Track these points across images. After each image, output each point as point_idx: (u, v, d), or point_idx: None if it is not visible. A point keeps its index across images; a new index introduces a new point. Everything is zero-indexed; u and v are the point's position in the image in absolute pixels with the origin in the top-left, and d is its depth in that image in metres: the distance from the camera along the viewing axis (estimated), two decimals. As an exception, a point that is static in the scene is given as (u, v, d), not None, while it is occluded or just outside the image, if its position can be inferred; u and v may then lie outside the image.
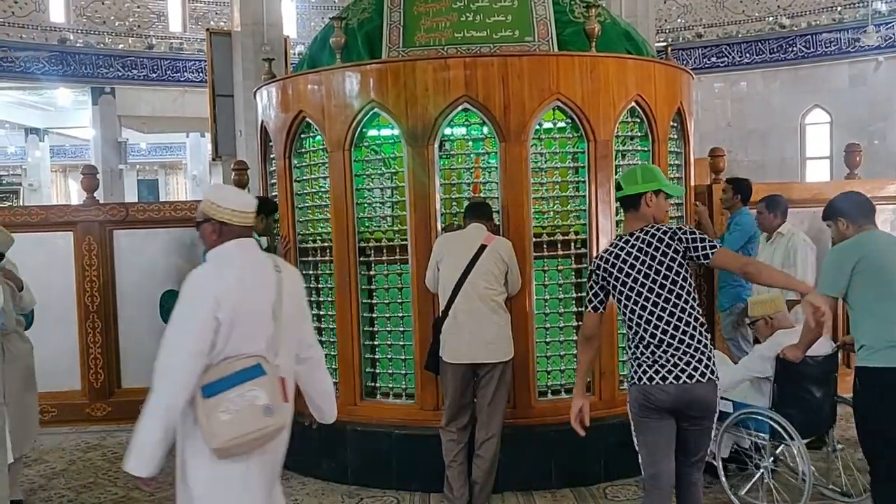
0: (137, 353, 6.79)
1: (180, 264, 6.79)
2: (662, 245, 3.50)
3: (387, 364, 5.40)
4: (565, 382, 5.32)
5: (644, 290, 3.48)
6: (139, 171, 29.72)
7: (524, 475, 5.07)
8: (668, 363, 3.43)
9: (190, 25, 18.25)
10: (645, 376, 3.48)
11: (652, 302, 3.47)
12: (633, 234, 3.58)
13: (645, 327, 3.48)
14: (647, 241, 3.52)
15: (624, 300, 3.54)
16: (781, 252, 5.77)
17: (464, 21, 5.35)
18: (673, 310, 3.46)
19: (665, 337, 3.45)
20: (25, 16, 16.49)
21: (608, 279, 3.57)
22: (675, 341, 3.44)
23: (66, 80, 17.40)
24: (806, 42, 15.30)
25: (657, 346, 3.46)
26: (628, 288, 3.52)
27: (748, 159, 15.57)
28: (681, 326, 3.45)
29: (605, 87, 5.19)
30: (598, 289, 3.61)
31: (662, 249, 3.49)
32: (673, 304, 3.46)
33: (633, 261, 3.51)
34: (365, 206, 5.38)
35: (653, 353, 3.47)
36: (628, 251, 3.54)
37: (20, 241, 5.48)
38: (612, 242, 3.65)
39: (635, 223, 3.62)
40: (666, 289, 3.47)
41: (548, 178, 5.25)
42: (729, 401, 4.74)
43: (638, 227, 3.59)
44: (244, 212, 3.04)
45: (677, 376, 3.43)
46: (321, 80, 5.36)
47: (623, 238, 3.61)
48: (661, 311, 3.46)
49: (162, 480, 3.08)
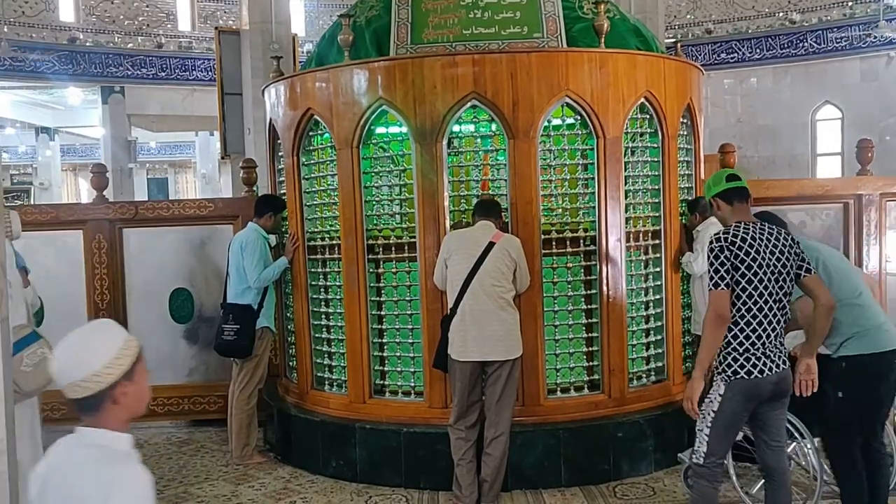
0: (147, 351, 6.74)
1: (190, 262, 6.80)
2: (786, 245, 3.65)
3: (395, 362, 5.39)
4: (574, 380, 5.30)
5: (770, 281, 3.57)
6: (149, 169, 29.77)
7: (533, 473, 5.05)
8: (773, 353, 3.59)
9: (199, 24, 18.28)
10: (755, 370, 3.55)
11: (774, 294, 3.59)
12: (750, 225, 3.66)
13: (766, 313, 3.57)
14: (773, 235, 3.65)
15: (745, 284, 3.56)
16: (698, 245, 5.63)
17: (472, 18, 5.33)
18: (784, 304, 3.63)
19: (778, 327, 3.61)
20: (35, 15, 16.55)
21: (737, 258, 3.57)
22: (774, 333, 3.60)
23: (76, 80, 17.45)
24: (816, 38, 15.20)
25: (768, 335, 3.58)
26: (761, 273, 3.56)
27: (758, 155, 15.49)
28: (783, 321, 3.64)
29: (614, 83, 5.16)
30: (729, 266, 3.59)
31: (788, 247, 3.65)
32: (785, 298, 3.64)
33: (761, 248, 3.59)
34: (373, 203, 5.37)
35: (764, 344, 3.57)
36: (755, 237, 3.60)
37: (31, 239, 5.50)
38: (735, 227, 3.66)
39: (743, 215, 3.73)
40: (787, 282, 3.63)
41: (557, 175, 5.23)
42: None
43: (745, 220, 3.69)
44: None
45: (778, 365, 3.61)
46: (329, 78, 5.36)
47: (743, 225, 3.65)
48: (776, 303, 3.60)
49: (170, 479, 3.10)
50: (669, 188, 5.47)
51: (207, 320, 6.72)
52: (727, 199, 3.78)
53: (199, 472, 5.68)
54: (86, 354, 2.03)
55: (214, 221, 6.79)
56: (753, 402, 3.62)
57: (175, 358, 6.80)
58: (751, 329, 3.56)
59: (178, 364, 6.81)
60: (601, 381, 5.25)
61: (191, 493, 5.27)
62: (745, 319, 3.56)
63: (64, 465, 2.04)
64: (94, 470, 1.99)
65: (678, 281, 5.62)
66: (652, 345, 5.48)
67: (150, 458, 6.06)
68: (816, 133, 15.64)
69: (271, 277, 5.68)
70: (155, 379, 7.06)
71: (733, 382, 3.57)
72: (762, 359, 3.55)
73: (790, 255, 3.65)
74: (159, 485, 5.45)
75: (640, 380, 5.41)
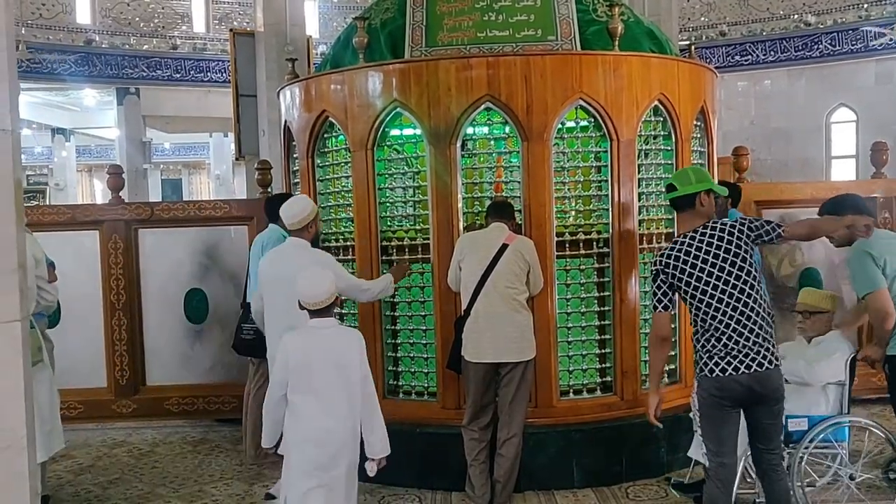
0: (162, 351, 6.86)
1: (205, 263, 6.84)
2: (733, 238, 3.61)
3: (409, 363, 5.41)
4: (587, 382, 5.31)
5: (718, 282, 3.57)
6: (163, 170, 29.94)
7: (546, 474, 5.06)
8: (741, 353, 3.54)
9: (213, 26, 18.39)
10: (717, 368, 3.56)
11: (727, 293, 3.57)
12: (696, 231, 3.66)
13: (720, 318, 3.56)
14: (717, 236, 3.62)
15: (693, 294, 3.61)
16: None
17: (486, 20, 5.35)
18: (746, 300, 3.57)
19: (738, 326, 3.55)
20: (52, 17, 16.71)
21: (674, 277, 3.63)
22: (746, 331, 3.55)
23: (92, 81, 17.59)
24: (831, 39, 15.14)
25: (730, 336, 3.55)
26: (700, 281, 3.59)
27: (772, 158, 15.43)
28: (752, 316, 3.57)
29: (628, 86, 5.17)
30: (665, 287, 3.67)
31: (735, 241, 3.61)
32: (747, 294, 3.58)
33: (702, 255, 3.59)
34: (387, 205, 5.39)
35: (725, 345, 3.55)
36: (696, 247, 3.62)
37: (48, 239, 5.54)
38: (673, 242, 3.73)
39: (692, 222, 3.71)
40: (741, 280, 3.58)
41: (570, 177, 5.24)
42: (801, 417, 4.39)
43: (696, 225, 3.67)
44: None
45: (748, 365, 3.54)
46: (344, 80, 5.39)
47: (685, 236, 3.67)
48: (736, 302, 3.56)
49: (185, 478, 3.12)
50: (683, 191, 5.46)
51: (222, 321, 6.76)
52: (674, 208, 3.85)
53: (214, 472, 5.72)
54: (321, 283, 3.73)
55: (229, 223, 6.83)
56: (728, 400, 3.59)
57: (190, 358, 6.85)
58: (709, 333, 3.60)
59: (193, 364, 6.85)
60: (614, 383, 5.25)
61: (206, 491, 5.31)
62: (703, 325, 3.62)
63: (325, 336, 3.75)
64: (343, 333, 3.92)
65: (691, 283, 5.61)
66: (665, 347, 5.47)
67: (165, 458, 6.11)
68: (831, 136, 15.57)
69: (286, 277, 5.71)
70: (170, 379, 7.07)
71: (701, 378, 3.67)
72: (726, 357, 3.56)
73: (740, 241, 3.61)
74: (174, 483, 5.49)
75: (652, 382, 5.41)
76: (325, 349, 3.71)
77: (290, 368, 3.66)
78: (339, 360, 3.71)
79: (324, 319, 3.75)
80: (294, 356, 3.67)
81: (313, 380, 3.66)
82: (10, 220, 2.46)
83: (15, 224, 2.48)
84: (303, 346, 3.71)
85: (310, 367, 3.66)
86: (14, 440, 2.48)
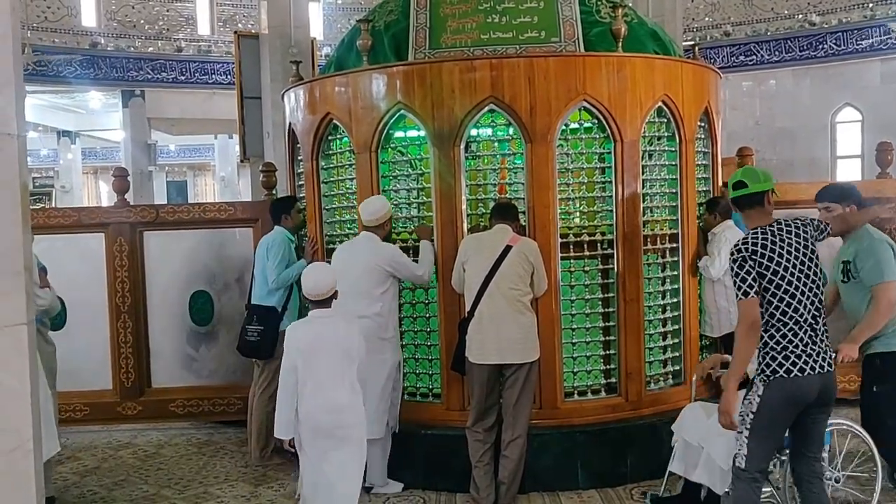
0: (167, 353, 6.87)
1: (210, 265, 6.86)
2: (808, 235, 3.65)
3: (413, 364, 5.42)
4: (591, 383, 5.31)
5: (799, 277, 3.56)
6: (168, 172, 29.98)
7: (550, 476, 5.06)
8: (814, 352, 3.53)
9: (218, 28, 18.42)
10: (795, 368, 3.50)
11: (807, 289, 3.57)
12: (772, 226, 3.64)
13: (801, 313, 3.54)
14: (794, 232, 3.63)
15: (777, 286, 3.55)
16: (714, 248, 5.61)
17: (490, 22, 5.36)
18: (815, 299, 3.59)
19: (814, 323, 3.57)
20: (58, 21, 16.75)
21: (761, 265, 3.56)
22: (819, 330, 3.58)
23: (97, 84, 17.63)
24: (836, 39, 15.09)
25: (806, 332, 3.54)
26: (784, 275, 3.55)
27: (777, 158, 15.37)
28: (819, 316, 3.61)
29: (631, 87, 5.17)
30: (755, 273, 3.58)
31: (810, 239, 3.65)
32: (815, 293, 3.60)
33: (785, 249, 3.57)
34: (391, 206, 5.40)
35: (801, 340, 3.53)
36: (780, 239, 3.59)
37: (53, 242, 5.57)
38: (752, 234, 3.64)
39: (761, 219, 3.70)
40: (812, 278, 3.60)
41: (574, 178, 5.25)
42: None
43: (766, 222, 3.66)
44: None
45: (821, 366, 3.54)
46: (348, 82, 5.40)
47: (764, 230, 3.63)
48: (813, 297, 3.58)
49: (190, 480, 3.13)
50: (687, 192, 5.47)
51: (227, 323, 6.78)
52: (738, 206, 3.80)
53: (219, 473, 5.73)
54: (322, 278, 4.11)
55: (234, 225, 6.85)
56: (795, 405, 3.54)
57: (195, 360, 6.87)
58: (787, 328, 3.53)
59: (198, 366, 6.87)
60: (618, 385, 5.26)
61: (211, 493, 5.32)
62: (782, 321, 3.54)
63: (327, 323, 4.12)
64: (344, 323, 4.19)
65: (695, 284, 5.62)
66: (669, 348, 5.48)
67: (170, 459, 6.13)
68: (836, 135, 15.52)
69: (290, 278, 5.72)
70: (175, 381, 7.10)
71: (772, 382, 3.53)
72: (802, 356, 3.51)
73: (810, 239, 3.66)
74: (179, 485, 5.51)
75: (657, 383, 5.41)
76: (330, 334, 4.10)
77: (301, 351, 4.02)
78: (342, 344, 4.10)
79: (325, 310, 4.14)
80: (304, 340, 4.05)
81: (321, 361, 4.03)
82: (17, 222, 2.47)
83: (21, 227, 2.48)
84: (309, 333, 4.11)
85: (317, 350, 4.04)
86: (20, 442, 2.49)
